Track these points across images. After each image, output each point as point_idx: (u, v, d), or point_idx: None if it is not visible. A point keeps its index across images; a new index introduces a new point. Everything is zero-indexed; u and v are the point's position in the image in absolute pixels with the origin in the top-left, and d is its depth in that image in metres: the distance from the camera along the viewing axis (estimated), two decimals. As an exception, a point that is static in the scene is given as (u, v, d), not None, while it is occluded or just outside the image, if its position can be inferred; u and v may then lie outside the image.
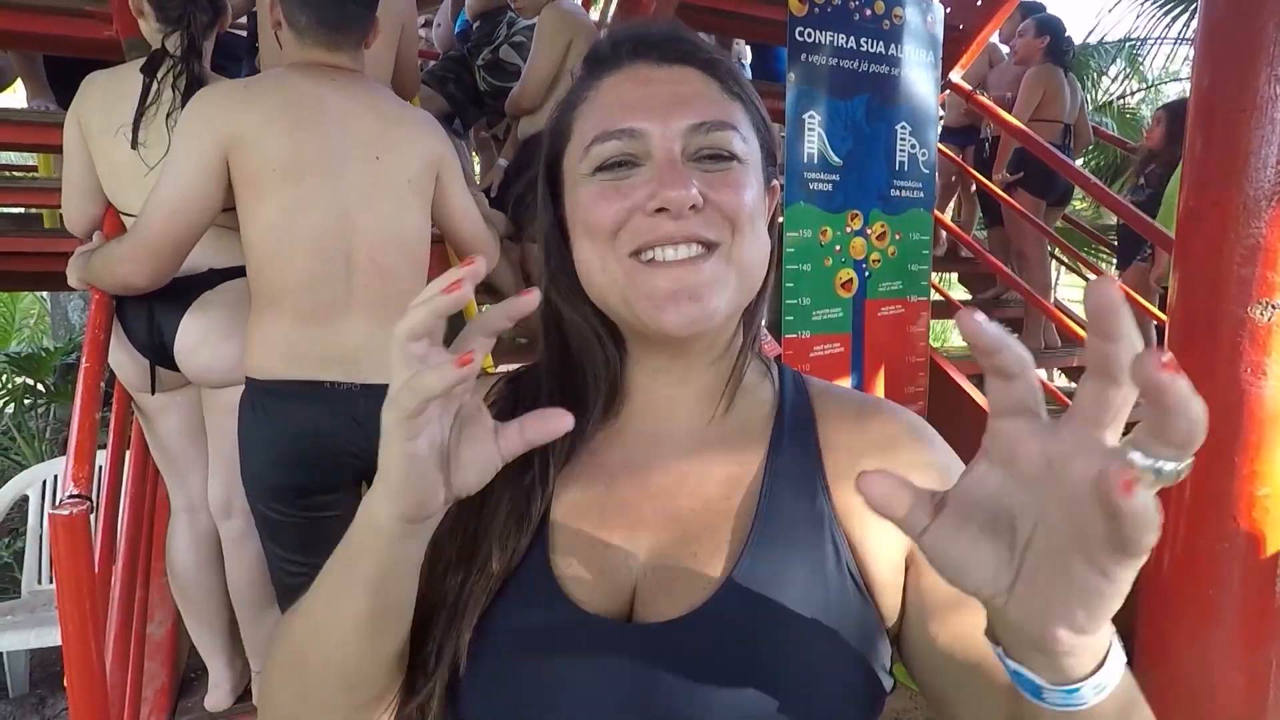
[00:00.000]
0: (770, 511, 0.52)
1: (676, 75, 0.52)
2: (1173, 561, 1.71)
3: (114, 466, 1.60)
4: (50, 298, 6.41)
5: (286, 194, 1.32)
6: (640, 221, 0.49)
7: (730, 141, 0.51)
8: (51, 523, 1.18)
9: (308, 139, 1.33)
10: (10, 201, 2.88)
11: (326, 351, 1.36)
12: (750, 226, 0.51)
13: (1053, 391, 3.11)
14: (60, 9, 2.12)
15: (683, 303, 0.49)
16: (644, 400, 0.57)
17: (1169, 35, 6.80)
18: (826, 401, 0.58)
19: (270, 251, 1.34)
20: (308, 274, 1.34)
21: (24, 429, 4.01)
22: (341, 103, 1.38)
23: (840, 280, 2.33)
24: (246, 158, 1.30)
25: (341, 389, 1.36)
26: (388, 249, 1.41)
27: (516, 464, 0.47)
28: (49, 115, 2.54)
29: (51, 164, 3.16)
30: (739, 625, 0.48)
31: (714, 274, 0.50)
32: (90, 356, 1.41)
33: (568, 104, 0.55)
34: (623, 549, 0.52)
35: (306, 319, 1.35)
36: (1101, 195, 2.90)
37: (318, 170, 1.33)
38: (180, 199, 1.29)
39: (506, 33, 2.90)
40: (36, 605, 2.29)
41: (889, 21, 2.33)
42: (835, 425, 0.56)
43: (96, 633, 1.24)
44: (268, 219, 1.32)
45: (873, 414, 0.57)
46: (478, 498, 0.48)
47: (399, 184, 1.42)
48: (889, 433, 0.56)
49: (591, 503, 0.54)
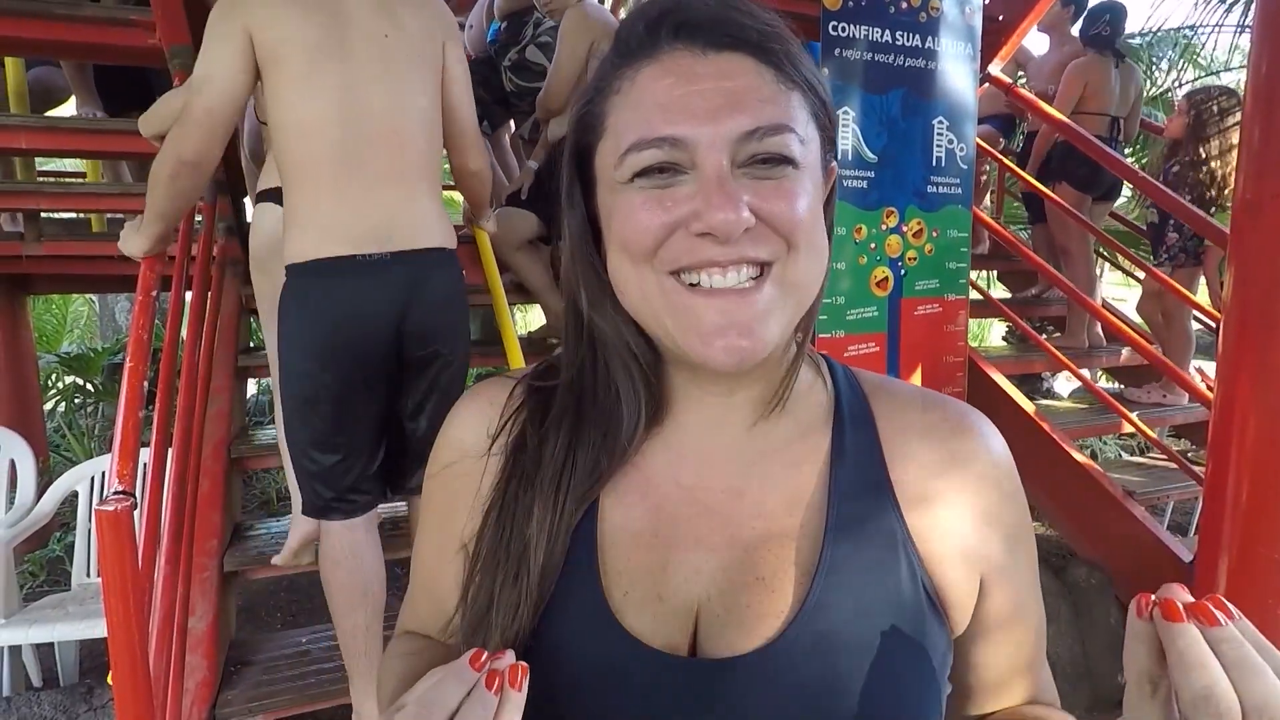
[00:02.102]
0: (839, 530, 0.48)
1: (724, 66, 0.44)
2: (1230, 572, 1.64)
3: (157, 463, 1.64)
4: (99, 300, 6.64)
5: (302, 70, 1.41)
6: (683, 241, 0.44)
7: (786, 145, 0.44)
8: (97, 518, 1.21)
9: (319, 23, 1.41)
10: (62, 207, 2.98)
11: (355, 227, 1.43)
12: (806, 241, 0.45)
13: (1097, 392, 3.01)
14: (106, 19, 2.19)
15: (731, 338, 0.43)
16: (690, 409, 0.52)
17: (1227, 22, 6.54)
18: (883, 399, 0.54)
19: (293, 125, 1.43)
20: (328, 146, 1.42)
21: (74, 426, 4.15)
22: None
23: (876, 279, 2.28)
24: (264, 34, 1.39)
25: (374, 259, 1.44)
26: (403, 121, 1.48)
27: (549, 482, 0.47)
28: (97, 123, 2.62)
29: (100, 170, 3.26)
30: (817, 659, 0.45)
31: (767, 304, 0.44)
32: (134, 356, 1.44)
33: (596, 91, 0.48)
34: (682, 574, 0.48)
35: (332, 192, 1.43)
36: (1150, 189, 2.80)
37: (331, 51, 1.42)
38: (220, 73, 1.38)
39: (532, 33, 2.91)
40: (86, 598, 2.36)
41: (925, 14, 2.27)
42: (898, 427, 0.52)
43: (140, 625, 1.27)
44: (288, 94, 1.42)
45: (937, 417, 0.53)
46: (509, 516, 0.47)
47: (408, 59, 1.49)
48: (959, 445, 0.52)
49: (642, 523, 0.49)
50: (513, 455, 0.51)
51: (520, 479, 0.50)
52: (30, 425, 3.23)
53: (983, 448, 0.52)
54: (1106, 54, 3.43)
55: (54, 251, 2.67)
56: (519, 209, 2.60)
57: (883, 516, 0.49)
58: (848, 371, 0.56)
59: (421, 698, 0.37)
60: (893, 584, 0.47)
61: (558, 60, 2.45)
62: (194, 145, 1.39)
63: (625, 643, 0.45)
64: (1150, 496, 2.85)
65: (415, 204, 1.49)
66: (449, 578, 0.52)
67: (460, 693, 0.37)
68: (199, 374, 1.89)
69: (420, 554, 0.58)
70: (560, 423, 0.50)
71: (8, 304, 3.21)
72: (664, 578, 0.48)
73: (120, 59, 2.51)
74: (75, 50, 2.49)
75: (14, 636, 2.18)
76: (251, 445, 2.25)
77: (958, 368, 2.53)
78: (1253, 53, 1.68)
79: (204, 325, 2.02)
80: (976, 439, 0.52)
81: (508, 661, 0.39)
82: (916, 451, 0.51)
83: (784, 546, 0.48)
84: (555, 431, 0.50)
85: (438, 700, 0.36)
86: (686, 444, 0.51)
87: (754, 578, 0.47)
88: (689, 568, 0.48)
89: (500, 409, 0.54)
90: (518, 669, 0.38)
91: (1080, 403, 3.51)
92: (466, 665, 0.38)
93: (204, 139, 1.40)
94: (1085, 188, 3.44)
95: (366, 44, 1.45)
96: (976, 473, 0.51)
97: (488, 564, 0.48)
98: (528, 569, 0.47)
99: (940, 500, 0.50)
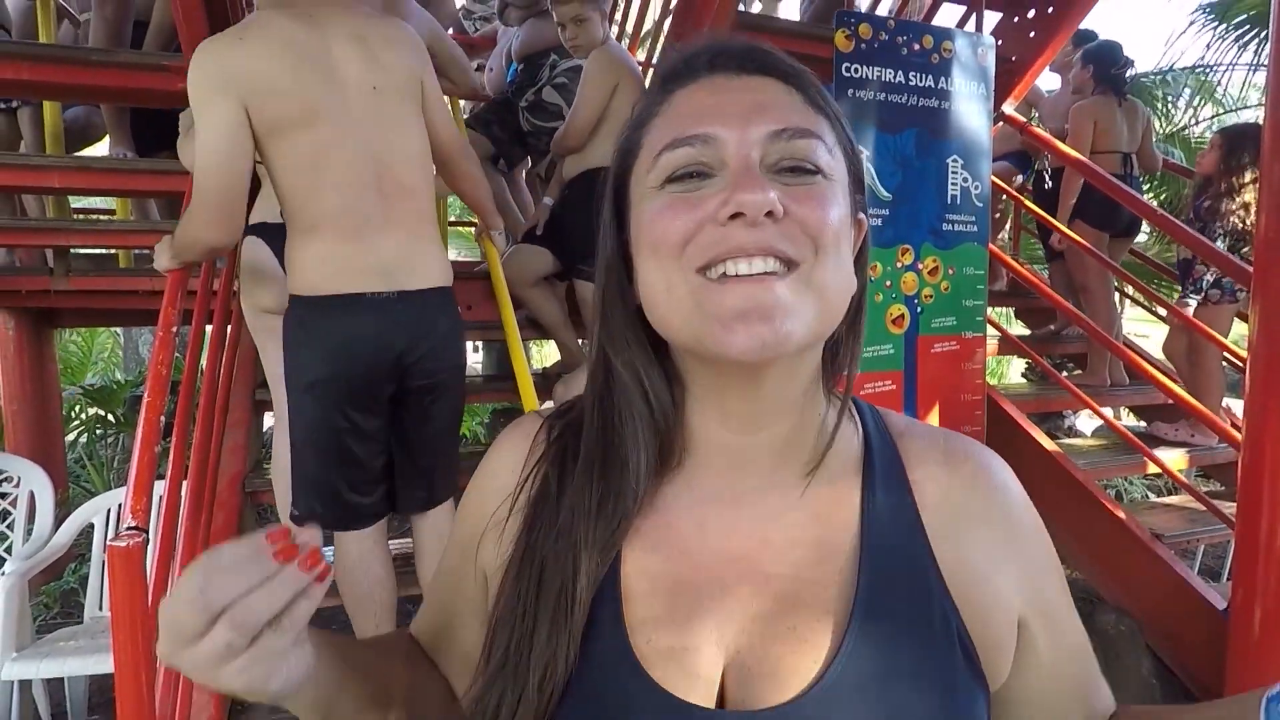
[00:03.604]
0: (872, 580, 0.47)
1: (755, 84, 0.47)
2: (1264, 620, 1.58)
3: (172, 496, 1.65)
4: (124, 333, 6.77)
5: (305, 140, 1.45)
6: (711, 233, 0.43)
7: (814, 151, 0.45)
8: (109, 554, 1.21)
9: (310, 87, 1.45)
10: (91, 243, 3.05)
11: (364, 266, 1.51)
12: (835, 249, 0.45)
13: (1120, 430, 2.94)
14: (140, 65, 2.27)
15: (754, 323, 0.42)
16: (712, 451, 0.50)
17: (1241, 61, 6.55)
18: (909, 442, 0.53)
19: (302, 190, 1.48)
20: (339, 204, 1.49)
21: (95, 458, 4.20)
22: (327, 41, 1.48)
23: (891, 316, 2.27)
24: (262, 112, 1.42)
25: (380, 298, 1.52)
26: (406, 167, 1.56)
27: (571, 533, 0.47)
28: (128, 163, 2.70)
29: (129, 208, 3.35)
30: (850, 711, 0.43)
31: (791, 294, 0.43)
32: (152, 392, 1.46)
33: (637, 121, 0.50)
34: (708, 624, 0.46)
35: (343, 240, 1.50)
36: (1167, 225, 2.78)
37: (328, 113, 1.46)
38: (224, 151, 1.40)
39: (549, 75, 2.98)
40: (97, 631, 2.35)
41: (938, 55, 2.30)
42: (926, 473, 0.52)
43: (148, 663, 1.26)
44: (294, 164, 1.47)
45: (959, 460, 0.53)
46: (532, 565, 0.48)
47: (397, 106, 1.56)
48: (984, 489, 0.52)
49: (664, 570, 0.48)
50: (535, 507, 0.51)
51: (543, 530, 0.49)
52: (51, 456, 3.27)
53: (1002, 487, 0.52)
54: (1109, 93, 3.44)
55: (81, 286, 2.73)
56: (534, 245, 2.63)
57: (915, 564, 0.48)
58: (874, 412, 0.55)
59: (207, 568, 0.37)
60: (926, 635, 0.46)
61: (581, 99, 2.49)
62: (219, 231, 1.44)
63: (654, 696, 0.44)
64: (1180, 540, 2.76)
65: (416, 245, 1.59)
66: (467, 588, 0.55)
67: (255, 573, 0.37)
68: (216, 407, 1.91)
69: (443, 561, 0.60)
70: (580, 469, 0.50)
71: (35, 337, 3.28)
72: (690, 627, 0.46)
73: (152, 102, 2.59)
74: (110, 95, 2.58)
75: (25, 670, 2.17)
76: (266, 479, 2.25)
77: (976, 405, 2.49)
78: (1269, 90, 1.68)
79: (222, 359, 2.05)
80: (995, 480, 0.53)
81: (308, 541, 0.38)
82: (944, 497, 0.51)
83: (815, 596, 0.47)
84: (575, 478, 0.50)
85: (225, 582, 0.37)
86: (709, 489, 0.50)
87: (785, 627, 0.46)
88: (717, 617, 0.47)
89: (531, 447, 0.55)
90: (317, 553, 0.38)
91: (1104, 441, 3.44)
92: (264, 541, 0.38)
93: (227, 221, 1.44)
94: (1102, 225, 3.42)
95: (358, 99, 1.50)
96: (1001, 513, 0.51)
97: (505, 619, 0.48)
98: (564, 615, 0.46)
99: (971, 546, 0.50)
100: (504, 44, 3.21)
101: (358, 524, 1.65)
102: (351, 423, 1.56)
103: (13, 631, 2.20)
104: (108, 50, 2.27)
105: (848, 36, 2.14)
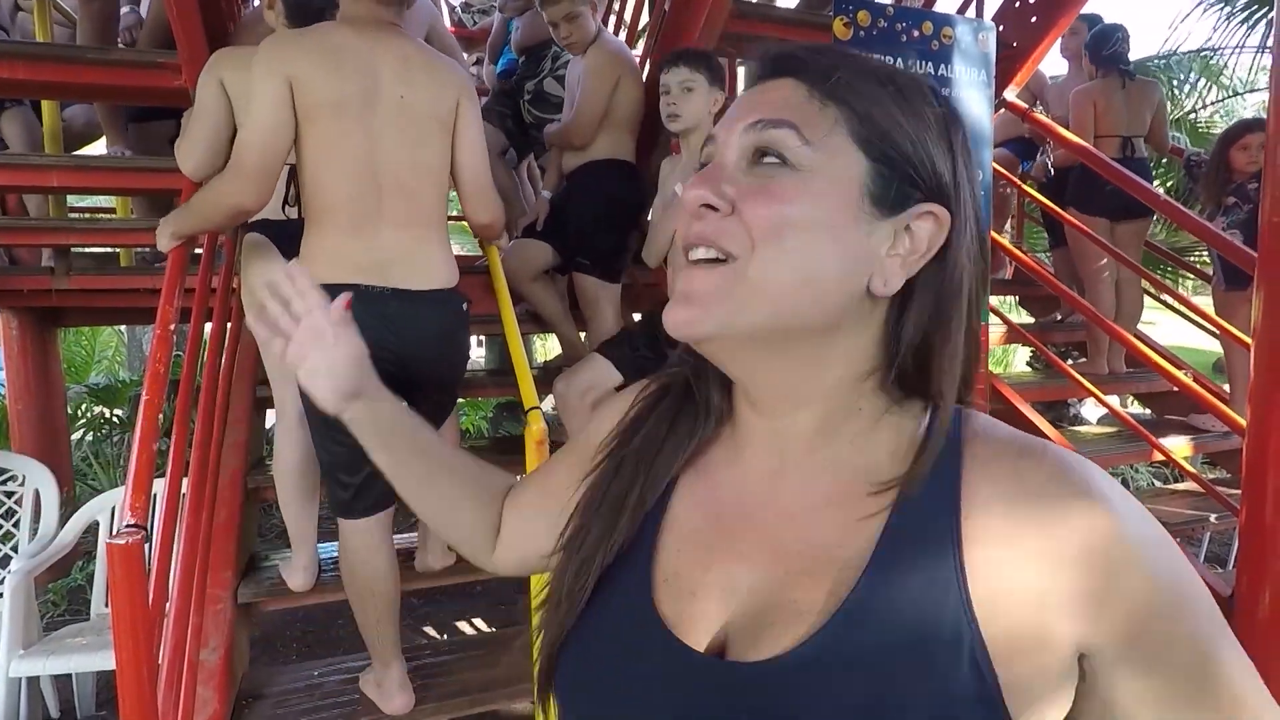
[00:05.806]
0: (880, 571, 0.45)
1: (771, 85, 0.50)
2: (1271, 606, 1.57)
3: (172, 494, 1.65)
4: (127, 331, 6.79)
5: (331, 127, 1.56)
6: (686, 222, 0.49)
7: (782, 140, 0.45)
8: (108, 551, 1.22)
9: (347, 82, 1.56)
10: (92, 242, 3.05)
11: (362, 260, 1.58)
12: (776, 243, 0.44)
13: (1123, 418, 2.91)
14: (134, 62, 2.26)
15: (679, 306, 0.47)
16: (750, 428, 0.54)
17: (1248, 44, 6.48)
18: (979, 444, 0.48)
19: (319, 175, 1.57)
20: (347, 194, 1.57)
21: (100, 456, 4.22)
22: (375, 52, 1.60)
23: (892, 305, 2.26)
24: (302, 95, 1.54)
25: (374, 291, 1.57)
26: (411, 173, 1.63)
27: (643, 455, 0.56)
28: (126, 161, 2.70)
29: (129, 205, 3.35)
30: (817, 684, 0.43)
31: (718, 284, 0.46)
32: (150, 390, 1.46)
33: None
34: (720, 581, 0.50)
35: (347, 232, 1.58)
36: (1168, 209, 2.75)
37: (354, 108, 1.56)
38: (269, 126, 1.52)
39: (550, 66, 2.96)
40: (103, 628, 2.36)
41: (938, 41, 2.28)
42: (984, 476, 0.46)
43: (149, 659, 1.26)
44: (317, 148, 1.56)
45: (1029, 465, 0.46)
46: (606, 473, 0.57)
47: (421, 119, 1.64)
48: (1053, 501, 0.44)
49: (699, 522, 0.54)
50: (628, 427, 0.59)
51: (624, 448, 0.57)
52: (57, 455, 3.28)
53: (1082, 505, 0.43)
54: (1112, 75, 3.40)
55: (83, 285, 2.73)
56: (534, 240, 2.62)
57: (934, 569, 0.44)
58: (961, 414, 0.50)
59: None
60: (927, 633, 0.43)
61: (584, 97, 2.46)
62: (254, 195, 1.54)
63: (660, 635, 0.49)
64: (1185, 527, 2.74)
65: (422, 247, 1.65)
66: (559, 474, 0.65)
67: None
68: (216, 404, 1.91)
69: (555, 454, 0.71)
70: (664, 410, 0.58)
71: (38, 337, 3.29)
72: (703, 579, 0.51)
73: (147, 100, 2.58)
74: (106, 93, 2.58)
75: (33, 667, 2.19)
76: (269, 476, 2.26)
77: (980, 394, 2.47)
78: (1274, 74, 1.66)
79: (222, 356, 2.05)
80: (1076, 494, 0.44)
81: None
82: (997, 506, 0.45)
83: (826, 577, 0.46)
84: (657, 416, 0.58)
85: None
86: (751, 462, 0.54)
87: (788, 599, 0.47)
88: (728, 577, 0.50)
89: None
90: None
91: (1109, 429, 3.42)
92: None
93: (262, 189, 1.54)
94: (1095, 211, 3.38)
95: (386, 105, 1.60)
96: (1069, 534, 0.43)
97: (580, 507, 0.57)
98: (613, 519, 0.54)
99: (1020, 565, 0.43)
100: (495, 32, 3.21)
101: (358, 505, 1.67)
102: None
103: (20, 629, 2.22)
104: (103, 49, 2.27)
105: (846, 23, 2.12)
